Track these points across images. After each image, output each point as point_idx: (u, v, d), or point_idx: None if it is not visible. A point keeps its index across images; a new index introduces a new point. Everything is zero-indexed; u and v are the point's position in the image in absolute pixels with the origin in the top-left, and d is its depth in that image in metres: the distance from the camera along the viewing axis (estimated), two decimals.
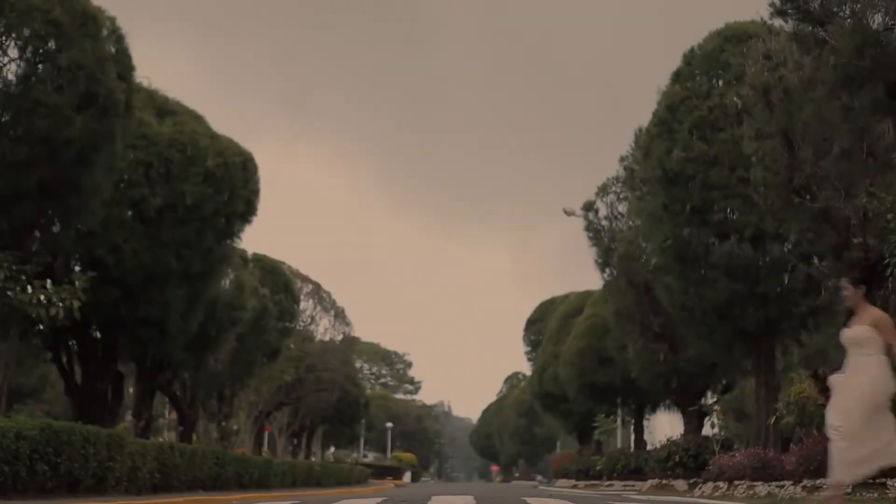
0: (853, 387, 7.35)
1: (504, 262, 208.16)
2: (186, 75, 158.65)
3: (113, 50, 13.99)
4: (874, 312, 7.63)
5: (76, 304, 13.54)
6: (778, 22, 10.71)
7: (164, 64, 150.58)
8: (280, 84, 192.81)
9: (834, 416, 7.36)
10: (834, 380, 7.60)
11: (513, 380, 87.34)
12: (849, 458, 7.25)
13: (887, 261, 11.72)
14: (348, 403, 46.91)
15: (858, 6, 8.85)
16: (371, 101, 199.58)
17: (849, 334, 7.62)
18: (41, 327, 15.44)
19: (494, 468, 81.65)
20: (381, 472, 59.14)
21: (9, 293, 12.78)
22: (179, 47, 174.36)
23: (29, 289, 13.25)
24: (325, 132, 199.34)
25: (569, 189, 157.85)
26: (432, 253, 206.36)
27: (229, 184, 17.34)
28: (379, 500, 9.75)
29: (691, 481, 18.63)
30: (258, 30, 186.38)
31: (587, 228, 27.83)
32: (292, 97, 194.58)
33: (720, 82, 18.21)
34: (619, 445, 37.99)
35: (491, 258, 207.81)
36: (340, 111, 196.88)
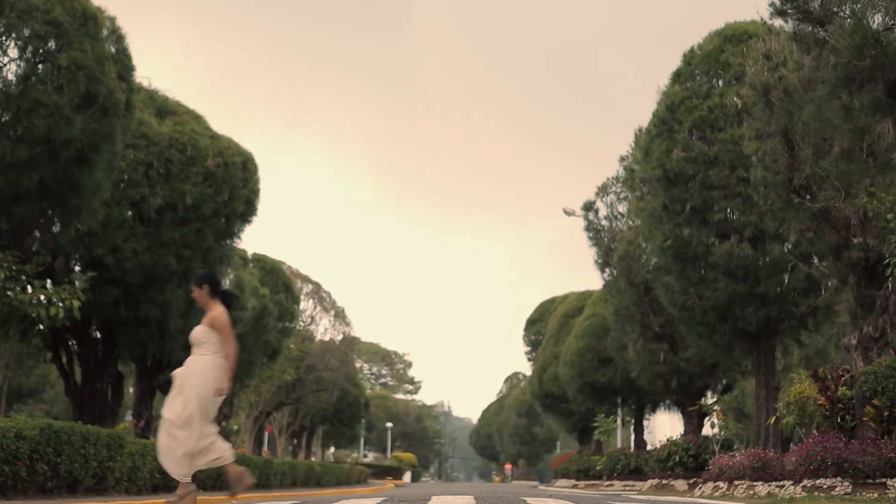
0: (189, 384, 7.58)
1: (503, 260, 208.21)
2: (177, 71, 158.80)
3: (113, 50, 13.98)
4: (214, 311, 7.81)
5: (76, 304, 13.54)
6: (778, 22, 10.70)
7: (153, 58, 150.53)
8: (273, 82, 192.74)
9: (170, 410, 7.54)
10: (175, 374, 7.81)
11: (513, 380, 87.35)
12: (191, 450, 7.44)
13: (887, 261, 11.72)
14: (348, 403, 46.92)
15: (858, 6, 8.85)
16: (368, 98, 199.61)
17: (192, 334, 7.86)
18: (41, 327, 15.45)
19: (508, 467, 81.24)
20: (381, 472, 59.15)
21: (9, 293, 12.78)
22: (171, 43, 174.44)
23: (29, 289, 13.25)
24: (320, 131, 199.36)
25: (567, 186, 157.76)
26: (432, 253, 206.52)
27: (229, 184, 17.35)
28: (379, 500, 9.75)
29: (691, 481, 18.63)
30: (249, 25, 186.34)
31: (587, 228, 27.83)
32: (285, 95, 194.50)
33: (720, 82, 18.21)
34: (619, 445, 37.97)
35: (490, 256, 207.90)
36: (335, 109, 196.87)
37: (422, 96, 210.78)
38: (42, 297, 13.25)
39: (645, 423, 37.07)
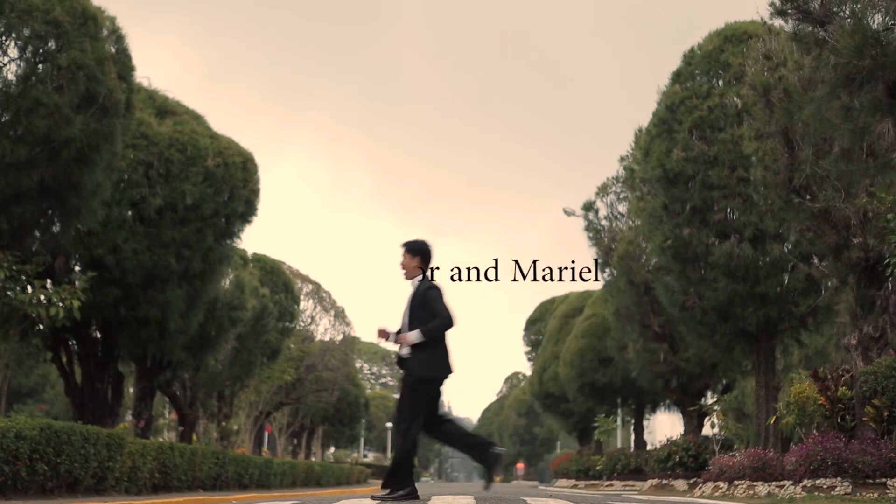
0: None
1: (502, 259, 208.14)
2: (170, 68, 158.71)
3: (113, 50, 13.97)
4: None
5: (76, 304, 13.54)
6: (778, 22, 10.69)
7: (148, 52, 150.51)
8: (270, 81, 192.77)
9: None
10: None
11: (513, 380, 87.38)
12: None
13: (887, 261, 11.72)
14: (348, 403, 46.96)
15: (858, 6, 8.83)
16: (366, 98, 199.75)
17: None
18: (41, 327, 15.45)
19: (520, 466, 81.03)
20: (381, 472, 59.10)
21: (9, 293, 12.78)
22: (166, 40, 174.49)
23: (29, 289, 13.25)
24: (317, 130, 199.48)
25: (566, 185, 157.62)
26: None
27: (229, 184, 17.35)
28: None
29: (691, 481, 18.63)
30: (245, 24, 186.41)
31: (587, 228, 27.82)
32: (282, 95, 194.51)
33: (720, 82, 18.20)
34: (619, 445, 37.98)
35: (489, 255, 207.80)
36: (332, 109, 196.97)
37: (420, 96, 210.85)
38: (42, 297, 13.25)
39: (645, 423, 37.09)
